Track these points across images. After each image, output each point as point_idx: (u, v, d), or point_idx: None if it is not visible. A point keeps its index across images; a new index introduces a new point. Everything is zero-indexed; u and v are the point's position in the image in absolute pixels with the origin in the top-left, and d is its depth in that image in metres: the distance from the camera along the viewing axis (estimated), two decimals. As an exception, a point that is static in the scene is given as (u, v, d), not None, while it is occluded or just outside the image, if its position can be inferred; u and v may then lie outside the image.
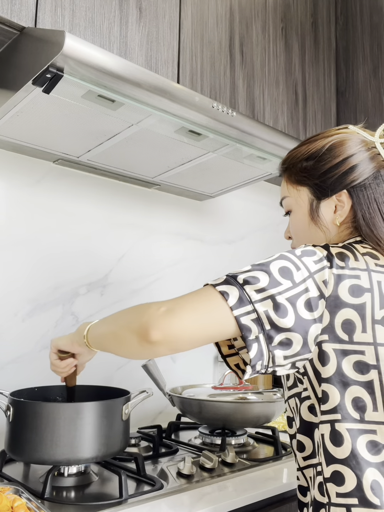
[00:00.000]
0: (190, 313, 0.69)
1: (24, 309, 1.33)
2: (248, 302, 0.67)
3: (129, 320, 0.74)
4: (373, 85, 1.71)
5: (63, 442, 0.90)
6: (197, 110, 1.08)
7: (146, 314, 0.70)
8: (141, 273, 1.59)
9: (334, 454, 0.69)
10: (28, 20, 0.99)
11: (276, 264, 0.70)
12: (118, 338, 0.76)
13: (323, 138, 0.83)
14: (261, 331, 0.67)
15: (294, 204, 0.87)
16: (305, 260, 0.71)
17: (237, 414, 1.19)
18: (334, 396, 0.70)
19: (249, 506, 0.93)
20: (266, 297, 0.67)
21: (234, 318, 0.67)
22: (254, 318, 0.67)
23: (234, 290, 0.68)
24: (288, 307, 0.67)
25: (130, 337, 0.72)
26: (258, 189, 1.95)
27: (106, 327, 0.82)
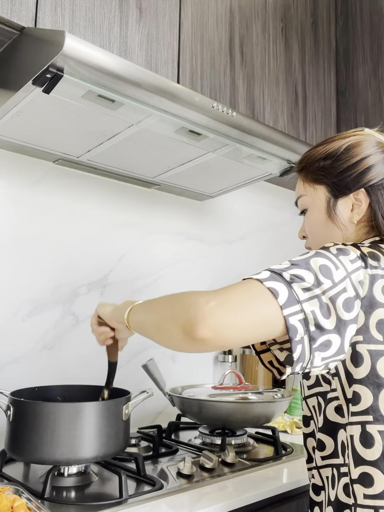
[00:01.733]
0: (241, 310, 0.65)
1: (24, 309, 1.33)
2: (296, 301, 0.65)
3: (175, 311, 0.69)
4: (373, 85, 1.71)
5: (63, 442, 0.90)
6: (197, 110, 1.08)
7: (194, 307, 0.66)
8: (141, 273, 1.59)
9: (364, 455, 0.68)
10: (28, 20, 0.99)
11: (316, 261, 0.69)
12: (162, 329, 0.72)
13: (340, 139, 0.85)
14: (306, 332, 0.65)
15: (310, 202, 0.88)
16: (342, 259, 0.70)
17: (237, 414, 1.19)
18: (366, 397, 0.69)
19: (249, 506, 0.93)
20: (312, 297, 0.66)
21: (284, 317, 0.65)
22: (301, 319, 0.65)
23: (282, 287, 0.66)
24: (331, 308, 0.66)
25: (175, 331, 0.68)
26: (258, 189, 1.95)
27: (150, 315, 0.79)
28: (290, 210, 2.10)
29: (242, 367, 1.73)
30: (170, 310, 0.72)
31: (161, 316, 0.74)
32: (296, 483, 1.02)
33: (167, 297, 0.77)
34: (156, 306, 0.79)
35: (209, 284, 1.77)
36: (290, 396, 1.31)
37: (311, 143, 1.65)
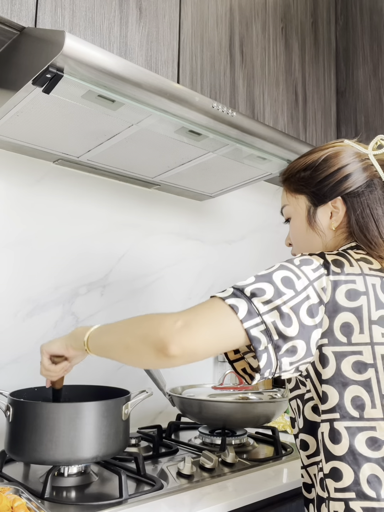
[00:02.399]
0: (205, 328, 0.71)
1: (24, 309, 1.33)
2: (257, 314, 0.70)
3: (144, 333, 0.74)
4: (373, 85, 1.71)
5: (63, 442, 0.90)
6: (197, 110, 1.08)
7: (163, 328, 0.71)
8: (141, 273, 1.59)
9: (333, 451, 0.73)
10: (28, 20, 0.99)
11: (279, 274, 0.74)
12: (131, 349, 0.76)
13: (319, 151, 0.90)
14: (269, 342, 0.70)
15: (293, 211, 0.93)
16: (304, 269, 0.75)
17: (237, 414, 1.19)
18: (333, 396, 0.73)
19: (249, 506, 0.93)
20: (272, 308, 0.71)
21: (245, 330, 0.70)
22: (263, 330, 0.70)
23: (242, 303, 0.71)
24: (292, 316, 0.71)
25: (146, 350, 0.73)
26: (258, 189, 1.95)
27: (115, 337, 0.81)
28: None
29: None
30: (138, 331, 0.76)
31: (129, 337, 0.77)
32: (296, 483, 1.02)
33: (129, 320, 0.81)
34: (121, 328, 0.81)
35: (209, 284, 1.77)
36: (290, 396, 1.31)
37: (311, 143, 1.65)
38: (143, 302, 1.58)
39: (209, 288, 1.77)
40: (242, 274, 1.88)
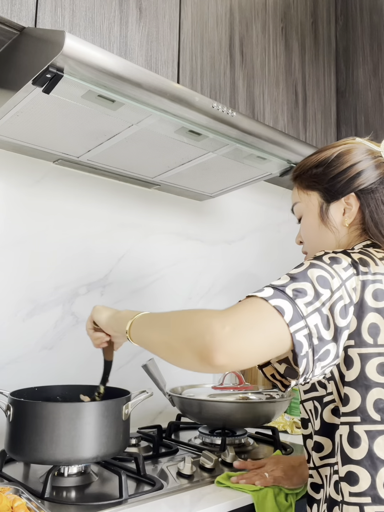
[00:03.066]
0: (254, 333, 0.67)
1: (24, 309, 1.33)
2: (301, 317, 0.67)
3: (188, 335, 0.69)
4: (373, 85, 1.71)
5: (63, 442, 0.89)
6: (197, 110, 1.08)
7: (209, 332, 0.66)
8: (141, 273, 1.59)
9: (350, 455, 0.71)
10: (28, 20, 0.99)
11: (314, 272, 0.71)
12: (173, 350, 0.72)
13: (331, 148, 0.90)
14: (310, 347, 0.68)
15: (304, 208, 0.93)
16: (336, 267, 0.73)
17: (237, 414, 1.19)
18: (354, 399, 0.72)
19: (249, 506, 0.93)
20: (314, 311, 0.68)
21: (290, 334, 0.67)
22: (306, 334, 0.67)
23: (287, 304, 0.68)
24: (330, 318, 0.69)
25: (189, 355, 0.68)
26: (258, 189, 1.95)
27: (157, 333, 0.77)
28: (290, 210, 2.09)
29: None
30: (183, 331, 0.71)
31: (172, 336, 0.73)
32: (296, 483, 1.02)
33: (176, 314, 0.77)
34: (164, 324, 0.77)
35: (209, 284, 1.77)
36: (290, 396, 1.31)
37: (311, 143, 1.65)
38: (143, 302, 1.58)
39: (209, 288, 1.77)
40: (242, 274, 1.88)
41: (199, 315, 0.72)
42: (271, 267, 1.98)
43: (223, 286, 1.82)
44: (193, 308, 1.71)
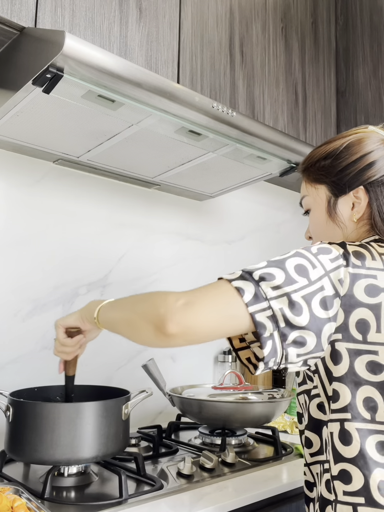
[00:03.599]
0: (207, 308, 0.68)
1: (24, 309, 1.33)
2: (264, 299, 0.67)
3: (145, 309, 0.73)
4: (373, 85, 1.71)
5: (63, 442, 0.89)
6: (197, 110, 1.08)
7: (164, 305, 0.69)
8: (141, 273, 1.59)
9: (343, 453, 0.69)
10: (28, 20, 0.99)
11: (292, 261, 0.70)
12: (133, 325, 0.75)
13: (341, 138, 0.85)
14: (275, 329, 0.66)
15: (312, 202, 0.89)
16: (321, 258, 0.71)
17: (237, 414, 1.19)
18: (345, 395, 0.70)
19: (249, 506, 0.93)
20: (281, 295, 0.67)
21: (250, 314, 0.67)
22: (269, 315, 0.67)
23: (249, 286, 0.68)
24: (303, 305, 0.67)
25: (145, 327, 0.71)
26: (258, 189, 1.95)
27: (120, 312, 0.81)
28: (290, 210, 2.10)
29: (242, 367, 1.73)
30: (141, 307, 0.75)
31: (132, 313, 0.77)
32: (296, 483, 1.02)
33: (138, 295, 0.80)
34: (127, 304, 0.81)
35: (209, 284, 1.76)
36: (290, 396, 1.31)
37: (311, 143, 1.65)
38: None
39: (209, 288, 1.77)
40: (242, 274, 1.88)
41: (158, 293, 0.74)
42: (271, 267, 1.98)
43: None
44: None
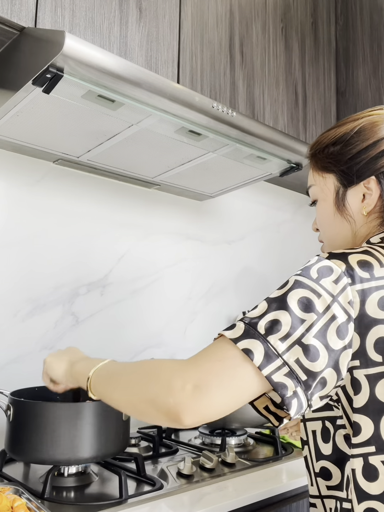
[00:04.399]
0: (219, 389, 0.60)
1: (24, 309, 1.33)
2: (276, 356, 0.60)
3: (150, 395, 0.64)
4: (373, 85, 1.71)
5: (63, 442, 0.90)
6: (197, 110, 1.08)
7: (172, 393, 0.61)
8: (141, 273, 1.59)
9: (368, 490, 0.63)
10: (28, 20, 0.99)
11: (294, 296, 0.62)
12: (139, 411, 0.67)
13: (352, 121, 0.77)
14: (297, 384, 0.59)
15: (319, 192, 0.81)
16: (323, 283, 0.63)
17: (237, 414, 1.19)
18: (366, 427, 0.63)
19: (249, 506, 0.93)
20: (292, 344, 0.60)
21: (265, 377, 0.59)
22: (286, 372, 0.59)
23: (257, 344, 0.60)
24: (318, 347, 0.60)
25: (156, 415, 0.63)
26: (258, 189, 1.95)
27: (119, 394, 0.71)
28: (290, 210, 2.10)
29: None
30: (144, 392, 0.65)
31: (135, 397, 0.67)
32: (296, 483, 1.02)
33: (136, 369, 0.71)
34: (125, 383, 0.71)
35: (209, 284, 1.77)
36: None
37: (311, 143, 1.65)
38: (143, 302, 1.58)
39: (209, 288, 1.77)
40: (242, 274, 1.88)
41: (159, 370, 0.66)
42: (271, 267, 1.98)
43: (223, 286, 1.82)
44: (193, 307, 1.71)
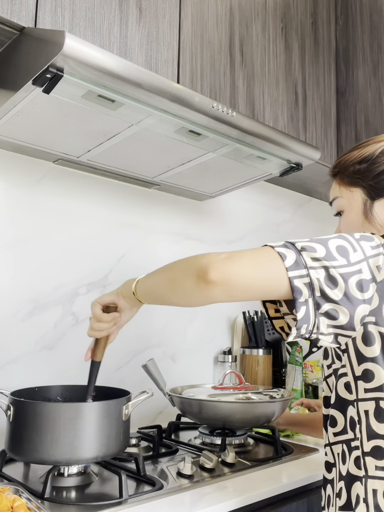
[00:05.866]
0: (249, 262, 0.71)
1: (24, 309, 1.33)
2: (303, 266, 0.70)
3: (187, 265, 0.77)
4: (373, 85, 1.71)
5: (63, 442, 0.90)
6: (197, 110, 1.08)
7: (206, 258, 0.73)
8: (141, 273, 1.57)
9: (377, 429, 0.72)
10: (28, 20, 0.99)
11: (335, 241, 0.73)
12: (174, 282, 0.79)
13: (374, 143, 0.89)
14: (311, 296, 0.69)
15: (346, 204, 0.91)
16: (362, 243, 0.74)
17: (237, 414, 1.19)
18: (380, 375, 0.72)
19: (249, 506, 0.93)
20: (320, 266, 0.70)
21: (288, 278, 0.69)
22: (306, 282, 0.69)
23: (291, 253, 0.71)
24: (339, 281, 0.70)
25: (187, 279, 0.75)
26: (258, 189, 1.95)
27: (159, 275, 0.86)
28: (290, 210, 2.10)
29: (242, 367, 1.73)
30: (182, 265, 0.79)
31: (172, 271, 0.81)
32: (296, 483, 1.02)
33: (179, 260, 0.83)
34: (165, 268, 0.85)
35: (209, 284, 1.76)
36: (290, 396, 1.31)
37: (311, 143, 1.65)
38: (143, 302, 1.58)
39: (209, 288, 1.77)
40: (242, 274, 1.88)
41: (196, 255, 0.78)
42: (271, 267, 1.98)
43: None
44: (193, 307, 1.71)
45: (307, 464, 1.13)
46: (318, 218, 2.19)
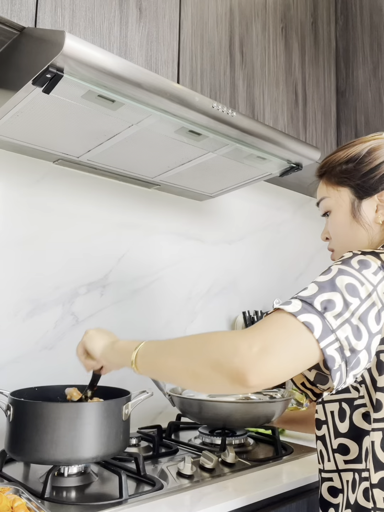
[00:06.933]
0: (285, 354, 0.66)
1: (24, 309, 1.33)
2: (331, 331, 0.66)
3: (214, 359, 0.68)
4: (373, 85, 1.71)
5: (63, 442, 0.89)
6: (197, 110, 1.08)
7: (238, 355, 0.65)
8: (141, 273, 1.59)
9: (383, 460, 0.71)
10: (28, 20, 0.99)
11: (342, 280, 0.70)
12: (200, 377, 0.70)
13: (360, 143, 0.89)
14: (342, 359, 0.67)
15: (334, 204, 0.91)
16: (365, 273, 0.71)
17: (237, 414, 1.19)
18: None
19: (249, 506, 0.93)
20: (343, 322, 0.67)
21: (320, 350, 0.66)
22: (337, 347, 0.66)
23: (316, 320, 0.66)
24: (361, 328, 0.68)
25: (219, 380, 0.67)
26: (258, 189, 1.95)
27: (176, 361, 0.74)
28: (290, 210, 2.10)
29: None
30: (207, 356, 0.69)
31: (195, 362, 0.70)
32: (295, 483, 1.02)
33: (193, 339, 0.75)
34: (182, 350, 0.75)
35: (209, 284, 1.77)
36: (290, 396, 1.31)
37: (311, 143, 1.65)
38: (143, 302, 1.58)
39: (209, 288, 1.77)
40: (242, 275, 1.88)
41: (221, 337, 0.70)
42: (271, 267, 1.98)
43: (223, 287, 1.82)
44: (193, 307, 1.71)
45: (307, 464, 1.13)
46: (318, 218, 2.18)
